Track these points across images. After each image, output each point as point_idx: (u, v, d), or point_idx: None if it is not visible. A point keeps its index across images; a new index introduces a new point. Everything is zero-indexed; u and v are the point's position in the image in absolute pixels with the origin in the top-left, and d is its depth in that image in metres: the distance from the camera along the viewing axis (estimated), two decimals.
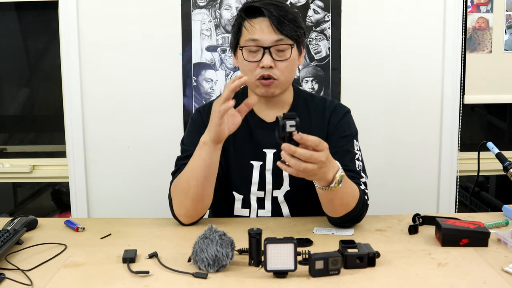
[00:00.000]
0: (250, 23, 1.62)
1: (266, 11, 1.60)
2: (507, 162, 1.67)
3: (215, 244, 1.29)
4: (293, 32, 1.62)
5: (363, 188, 1.62)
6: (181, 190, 1.60)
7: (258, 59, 1.62)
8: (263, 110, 1.73)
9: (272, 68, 1.61)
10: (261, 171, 1.71)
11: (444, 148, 2.52)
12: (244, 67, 1.65)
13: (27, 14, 2.64)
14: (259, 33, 1.61)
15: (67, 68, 2.45)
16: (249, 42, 1.62)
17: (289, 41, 1.62)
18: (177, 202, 1.61)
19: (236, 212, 1.74)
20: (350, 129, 1.72)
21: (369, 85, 2.49)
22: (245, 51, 1.63)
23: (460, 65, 2.48)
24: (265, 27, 1.60)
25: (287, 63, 1.63)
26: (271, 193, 1.72)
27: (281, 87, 1.66)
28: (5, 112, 2.81)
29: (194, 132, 1.72)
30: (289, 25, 1.61)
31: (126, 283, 1.27)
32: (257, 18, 1.62)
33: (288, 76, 1.66)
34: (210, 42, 2.45)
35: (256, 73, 1.63)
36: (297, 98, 1.76)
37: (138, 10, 2.44)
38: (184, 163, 1.63)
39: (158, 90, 2.48)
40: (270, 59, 1.61)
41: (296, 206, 1.73)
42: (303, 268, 1.29)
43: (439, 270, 1.31)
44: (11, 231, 1.47)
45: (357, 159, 1.67)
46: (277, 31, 1.60)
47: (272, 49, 1.61)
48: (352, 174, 1.61)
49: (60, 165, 2.61)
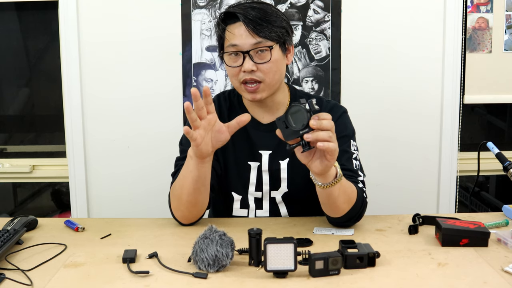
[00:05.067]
0: (229, 29, 1.63)
1: (241, 16, 1.60)
2: (507, 162, 1.67)
3: (215, 244, 1.29)
4: (272, 33, 1.61)
5: (361, 186, 1.62)
6: (175, 196, 1.61)
7: (240, 64, 1.62)
8: (258, 112, 1.74)
9: (254, 71, 1.61)
10: (258, 171, 1.71)
11: (444, 148, 2.52)
12: (229, 72, 1.67)
13: (27, 14, 2.64)
14: (238, 38, 1.61)
15: (67, 68, 2.45)
16: (230, 48, 1.63)
17: (268, 43, 1.61)
18: (174, 206, 1.63)
19: (234, 213, 1.74)
20: (347, 130, 1.71)
21: (369, 85, 2.49)
22: (226, 56, 1.65)
23: (460, 65, 2.48)
24: (243, 32, 1.60)
25: (270, 65, 1.62)
26: (269, 193, 1.72)
27: (268, 89, 1.65)
28: (5, 112, 2.81)
29: None
30: (267, 27, 1.60)
31: (126, 283, 1.27)
32: (235, 23, 1.62)
33: (273, 78, 1.64)
34: (210, 42, 2.45)
35: (239, 77, 1.64)
36: (293, 98, 1.75)
37: (138, 10, 2.44)
38: (183, 164, 1.63)
39: (158, 90, 2.48)
40: (251, 63, 1.61)
41: (294, 206, 1.73)
42: (303, 268, 1.29)
43: (439, 270, 1.31)
44: (11, 231, 1.47)
45: (354, 158, 1.67)
46: (254, 34, 1.60)
47: (252, 53, 1.61)
48: (349, 173, 1.61)
49: (60, 165, 2.61)
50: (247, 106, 1.75)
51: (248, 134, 1.72)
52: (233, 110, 1.75)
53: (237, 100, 1.77)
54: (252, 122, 1.72)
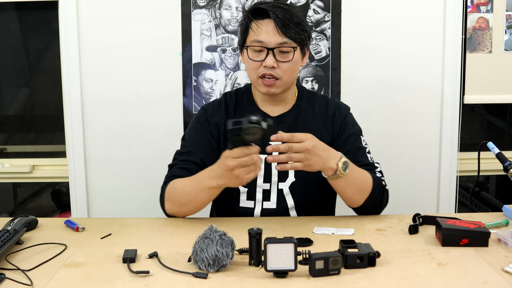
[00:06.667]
0: (257, 24, 1.68)
1: (272, 14, 1.65)
2: (507, 162, 1.67)
3: (215, 244, 1.29)
4: (297, 35, 1.67)
5: (379, 175, 1.71)
6: (174, 200, 1.67)
7: (262, 59, 1.68)
8: (267, 106, 1.79)
9: (274, 68, 1.67)
10: (267, 163, 1.71)
11: (444, 148, 2.52)
12: (249, 65, 1.72)
13: (27, 14, 2.64)
14: (265, 34, 1.66)
15: (67, 68, 2.45)
16: (255, 43, 1.68)
17: (293, 44, 1.67)
18: (169, 205, 1.68)
19: (241, 204, 1.75)
20: (355, 127, 1.80)
21: (369, 85, 2.49)
22: (250, 50, 1.70)
23: (460, 65, 2.48)
24: (271, 29, 1.66)
25: (290, 64, 1.68)
26: (277, 185, 1.74)
27: (283, 87, 1.72)
28: (5, 112, 2.81)
29: (196, 130, 1.78)
30: (294, 28, 1.66)
31: (126, 283, 1.27)
32: (264, 20, 1.67)
33: (290, 77, 1.71)
34: (210, 42, 2.45)
35: (259, 71, 1.69)
36: (301, 95, 1.82)
37: (138, 10, 2.44)
38: (182, 159, 1.72)
39: (158, 90, 2.48)
40: (273, 60, 1.66)
41: (301, 197, 1.75)
42: (303, 268, 1.29)
43: (439, 270, 1.31)
44: (11, 231, 1.47)
45: (367, 152, 1.77)
46: (281, 33, 1.65)
47: (276, 51, 1.67)
48: (367, 167, 1.70)
49: (60, 165, 2.61)
50: (257, 101, 1.80)
51: None
52: (240, 106, 1.80)
53: (246, 96, 1.81)
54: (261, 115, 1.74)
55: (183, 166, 1.72)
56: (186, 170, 1.70)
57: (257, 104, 1.79)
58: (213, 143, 1.76)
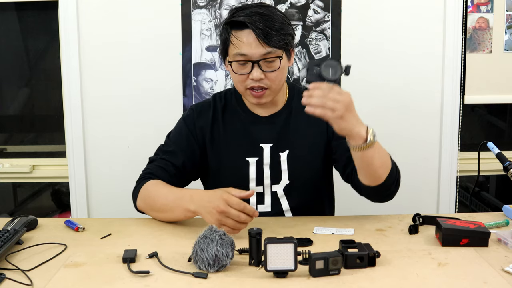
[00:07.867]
0: (236, 36, 1.60)
1: (250, 26, 1.56)
2: (508, 162, 1.67)
3: (215, 244, 1.29)
4: (281, 41, 1.59)
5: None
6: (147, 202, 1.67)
7: (247, 71, 1.61)
8: (257, 108, 1.74)
9: (262, 79, 1.61)
10: (258, 166, 1.71)
11: (444, 148, 2.52)
12: (234, 78, 1.66)
13: (27, 14, 2.64)
14: (247, 47, 1.58)
15: (67, 68, 2.45)
16: (238, 57, 1.60)
17: (277, 52, 1.60)
18: (141, 204, 1.69)
19: None
20: None
21: (369, 85, 2.48)
22: (234, 65, 1.62)
23: (460, 65, 2.47)
24: (252, 41, 1.57)
25: (277, 73, 1.62)
26: (270, 187, 1.72)
27: (273, 94, 1.68)
28: (5, 112, 2.80)
29: (181, 131, 1.77)
30: (276, 36, 1.58)
31: (126, 283, 1.27)
32: (243, 31, 1.59)
33: (279, 84, 1.66)
34: (210, 42, 2.45)
35: (246, 83, 1.63)
36: (292, 94, 1.77)
37: (138, 10, 2.43)
38: (163, 158, 1.71)
39: (158, 90, 2.48)
40: (260, 72, 1.60)
41: (296, 200, 1.73)
42: (303, 268, 1.29)
43: (439, 270, 1.31)
44: (11, 231, 1.47)
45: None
46: (264, 44, 1.57)
47: (261, 62, 1.60)
48: None
49: (60, 165, 2.61)
50: (247, 103, 1.75)
51: (246, 129, 1.73)
52: (229, 108, 1.76)
53: (235, 98, 1.77)
54: (251, 118, 1.73)
55: (163, 166, 1.70)
56: (165, 171, 1.70)
57: (246, 106, 1.75)
58: (195, 147, 1.73)
